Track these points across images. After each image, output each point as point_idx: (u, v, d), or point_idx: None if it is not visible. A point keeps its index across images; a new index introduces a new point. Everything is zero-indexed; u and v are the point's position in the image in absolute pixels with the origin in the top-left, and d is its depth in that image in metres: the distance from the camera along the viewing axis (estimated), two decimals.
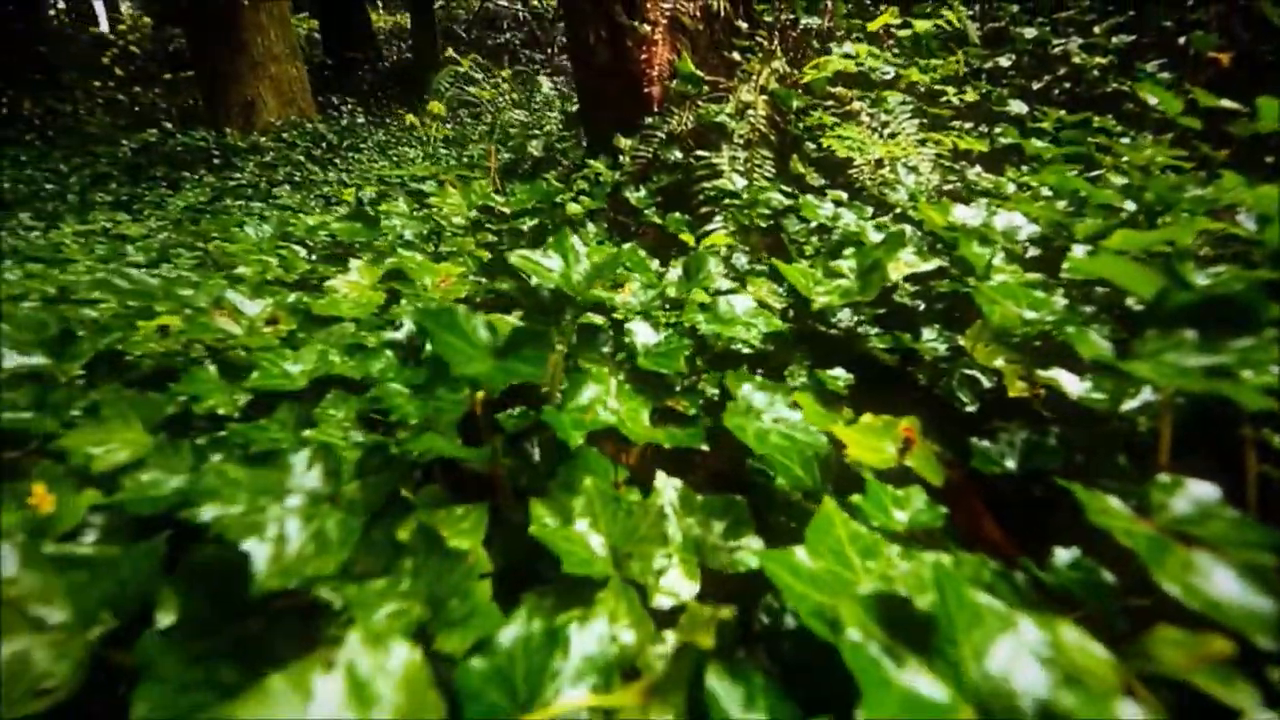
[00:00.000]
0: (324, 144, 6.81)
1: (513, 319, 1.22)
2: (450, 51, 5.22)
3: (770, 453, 0.69)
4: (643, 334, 0.91)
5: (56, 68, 10.87)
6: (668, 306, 1.07)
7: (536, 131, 3.53)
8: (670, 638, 0.55)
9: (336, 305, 1.42)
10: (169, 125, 6.23)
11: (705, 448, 0.81)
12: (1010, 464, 0.76)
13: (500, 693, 0.41)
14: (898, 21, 2.34)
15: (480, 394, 0.67)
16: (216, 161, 5.92)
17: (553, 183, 2.58)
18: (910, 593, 0.44)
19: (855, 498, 0.64)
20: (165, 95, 9.98)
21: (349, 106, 8.60)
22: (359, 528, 0.55)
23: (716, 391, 1.07)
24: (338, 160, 6.41)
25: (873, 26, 2.33)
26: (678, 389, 1.02)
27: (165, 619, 0.80)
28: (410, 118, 3.78)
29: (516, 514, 0.84)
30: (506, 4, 15.72)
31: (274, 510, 0.55)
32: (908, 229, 1.14)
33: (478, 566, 0.59)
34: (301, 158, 6.03)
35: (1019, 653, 0.40)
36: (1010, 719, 0.38)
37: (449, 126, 4.53)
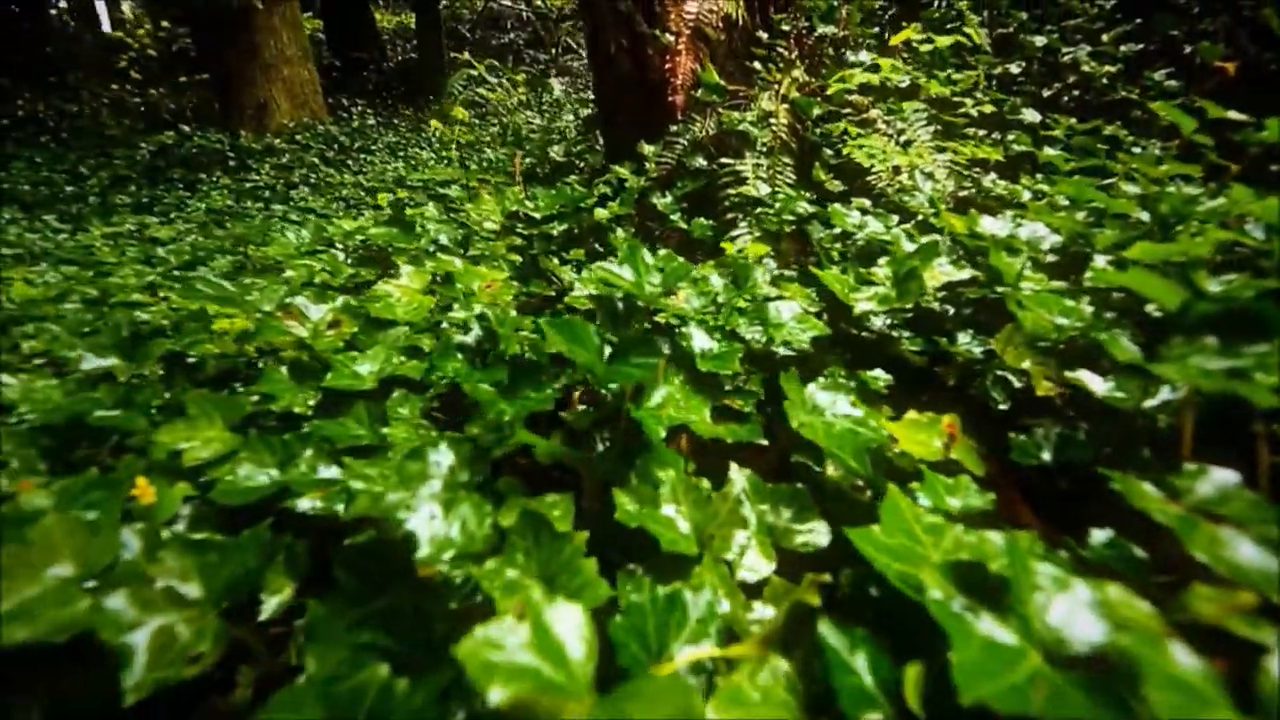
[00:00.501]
0: (336, 146, 6.89)
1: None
2: (466, 54, 5.29)
3: (830, 445, 0.78)
4: (699, 339, 0.99)
5: (63, 68, 10.92)
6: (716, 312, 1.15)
7: (555, 136, 3.61)
8: (758, 607, 0.63)
9: (392, 309, 1.50)
10: (185, 128, 6.30)
11: (765, 442, 0.89)
12: (1045, 456, 0.84)
13: (638, 645, 0.49)
14: (920, 36, 2.42)
15: (577, 393, 0.75)
16: (232, 163, 6.00)
17: (577, 188, 2.65)
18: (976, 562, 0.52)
19: (914, 485, 0.72)
20: (171, 95, 10.04)
21: (359, 108, 8.68)
22: (491, 512, 0.63)
23: (759, 390, 1.15)
24: (350, 162, 6.49)
25: (895, 40, 2.40)
26: (727, 389, 1.10)
27: (272, 600, 0.88)
28: (435, 123, 3.85)
29: (591, 503, 0.92)
30: (510, 4, 15.76)
31: (423, 495, 0.63)
32: (940, 239, 1.21)
33: (582, 546, 0.66)
34: (316, 160, 6.11)
35: (1075, 608, 0.48)
36: (1068, 660, 0.46)
37: (459, 128, 4.61)
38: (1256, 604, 0.46)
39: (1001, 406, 1.00)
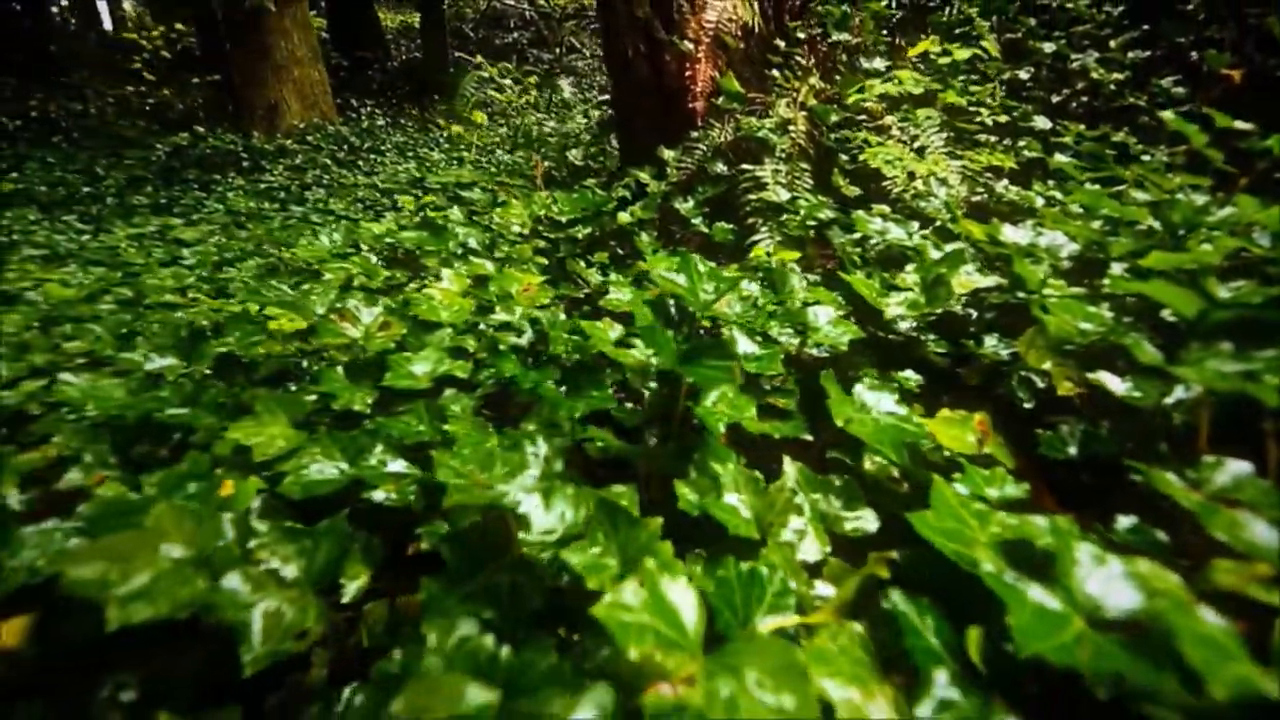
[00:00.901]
0: (345, 147, 6.96)
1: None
2: (479, 58, 5.35)
3: (874, 441, 0.85)
4: (743, 342, 1.06)
5: (66, 67, 10.97)
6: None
7: (570, 140, 3.68)
8: (819, 585, 0.70)
9: (435, 312, 1.57)
10: (200, 129, 6.37)
11: (810, 437, 0.96)
12: (1072, 450, 0.91)
13: (729, 612, 0.57)
14: (938, 49, 2.48)
15: (648, 394, 0.82)
16: (245, 164, 6.07)
17: (598, 192, 2.72)
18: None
19: (956, 476, 0.79)
20: (180, 96, 10.08)
21: (367, 109, 8.75)
22: (584, 499, 0.70)
23: (794, 389, 1.22)
24: (361, 163, 6.56)
25: (913, 52, 2.47)
26: (767, 389, 1.17)
27: (351, 585, 0.95)
28: (456, 128, 3.92)
29: (648, 495, 0.99)
30: (514, 3, 15.79)
31: (524, 484, 0.70)
32: (965, 247, 1.28)
33: (657, 531, 0.74)
34: (328, 161, 6.18)
35: (1111, 579, 0.55)
36: (1105, 625, 0.53)
37: (477, 132, 4.67)
38: (1272, 574, 0.53)
39: (1027, 405, 1.07)
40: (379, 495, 1.03)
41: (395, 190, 4.51)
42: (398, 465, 1.09)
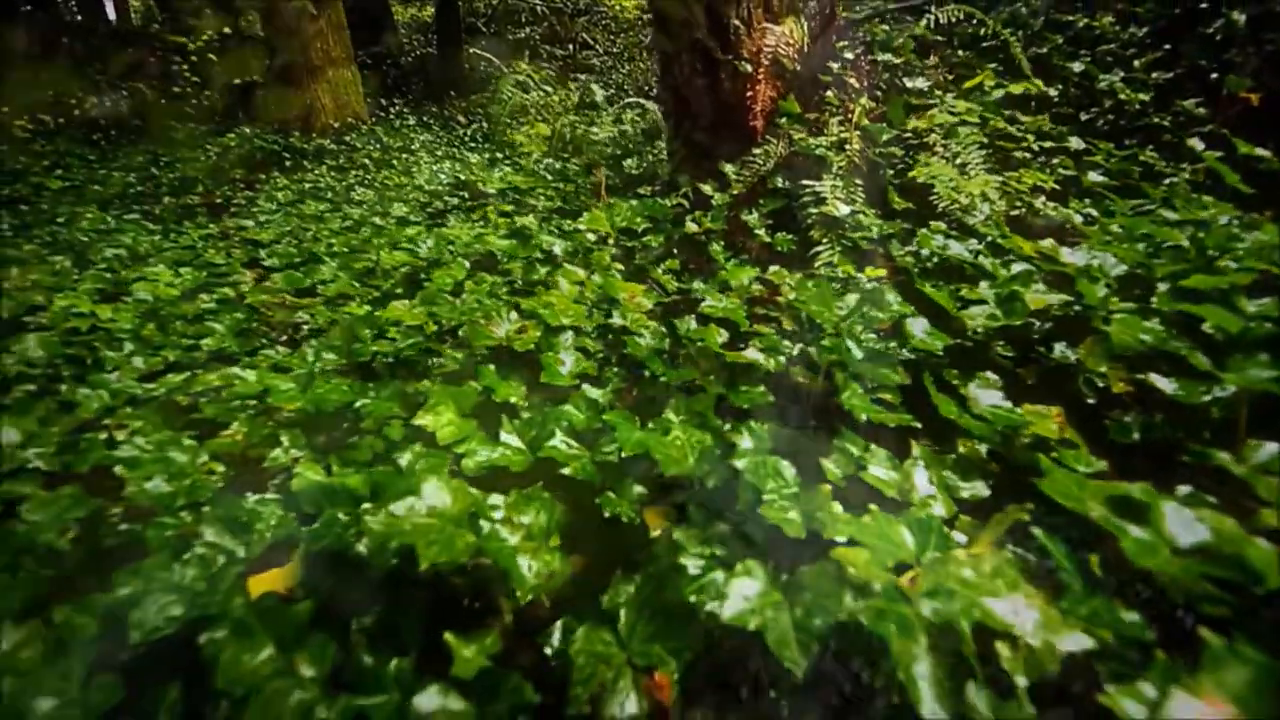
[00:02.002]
0: (379, 145, 7.17)
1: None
2: (520, 63, 5.55)
3: (978, 429, 1.09)
4: (854, 349, 1.29)
5: (80, 61, 11.10)
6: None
7: (618, 150, 3.90)
8: (955, 534, 0.94)
9: (556, 316, 1.80)
10: (246, 129, 6.59)
11: (919, 425, 1.20)
12: (1135, 436, 1.15)
13: (915, 543, 0.81)
14: (993, 81, 2.70)
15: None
16: (288, 164, 6.29)
17: (659, 202, 2.95)
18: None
19: (1053, 454, 1.03)
20: (212, 95, 10.22)
21: (396, 107, 8.95)
22: (790, 471, 0.94)
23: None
24: (395, 163, 6.77)
25: (969, 85, 2.69)
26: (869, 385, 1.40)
27: (554, 541, 1.19)
28: (518, 136, 4.14)
29: None
30: None
31: (747, 458, 0.94)
32: (1031, 267, 1.52)
33: (829, 493, 0.98)
34: (367, 161, 6.40)
35: (1185, 522, 0.79)
36: (1181, 553, 0.77)
37: (536, 140, 4.87)
38: None
39: (1090, 401, 1.31)
40: (566, 470, 1.27)
41: (443, 192, 4.73)
42: (573, 446, 1.33)
